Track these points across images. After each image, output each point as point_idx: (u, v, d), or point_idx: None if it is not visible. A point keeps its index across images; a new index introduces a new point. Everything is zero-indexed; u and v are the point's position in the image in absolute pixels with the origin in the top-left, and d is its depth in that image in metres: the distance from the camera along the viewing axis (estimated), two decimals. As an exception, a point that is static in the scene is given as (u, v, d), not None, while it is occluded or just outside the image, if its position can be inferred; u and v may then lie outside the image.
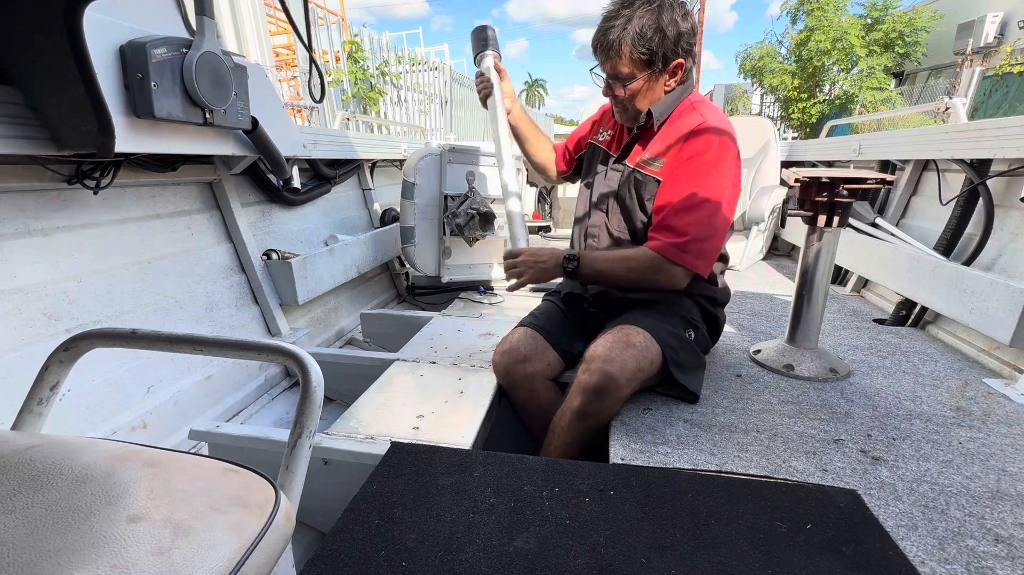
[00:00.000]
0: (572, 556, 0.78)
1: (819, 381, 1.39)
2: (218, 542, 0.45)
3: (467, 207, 2.19)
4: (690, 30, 1.18)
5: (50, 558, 0.41)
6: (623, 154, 1.35)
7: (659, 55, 1.17)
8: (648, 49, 1.16)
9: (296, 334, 1.85)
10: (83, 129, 1.03)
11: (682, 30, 1.16)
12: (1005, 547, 0.81)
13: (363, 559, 0.78)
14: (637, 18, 1.14)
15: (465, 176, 2.23)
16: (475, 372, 1.48)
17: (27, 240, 1.19)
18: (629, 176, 1.32)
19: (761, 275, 2.74)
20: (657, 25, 1.14)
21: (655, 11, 1.14)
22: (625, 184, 1.33)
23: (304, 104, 5.70)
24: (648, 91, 1.24)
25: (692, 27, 1.18)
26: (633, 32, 1.15)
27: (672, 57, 1.19)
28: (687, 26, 1.17)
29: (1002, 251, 1.71)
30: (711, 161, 1.19)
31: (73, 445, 0.55)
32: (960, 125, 1.96)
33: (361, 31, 6.76)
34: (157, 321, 1.44)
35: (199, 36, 1.22)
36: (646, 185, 1.28)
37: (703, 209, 1.18)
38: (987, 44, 11.27)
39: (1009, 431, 1.14)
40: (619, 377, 1.12)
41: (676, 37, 1.16)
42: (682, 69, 1.22)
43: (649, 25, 1.14)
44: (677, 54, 1.19)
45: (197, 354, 0.69)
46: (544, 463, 1.01)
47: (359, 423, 1.20)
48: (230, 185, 1.77)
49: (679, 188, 1.20)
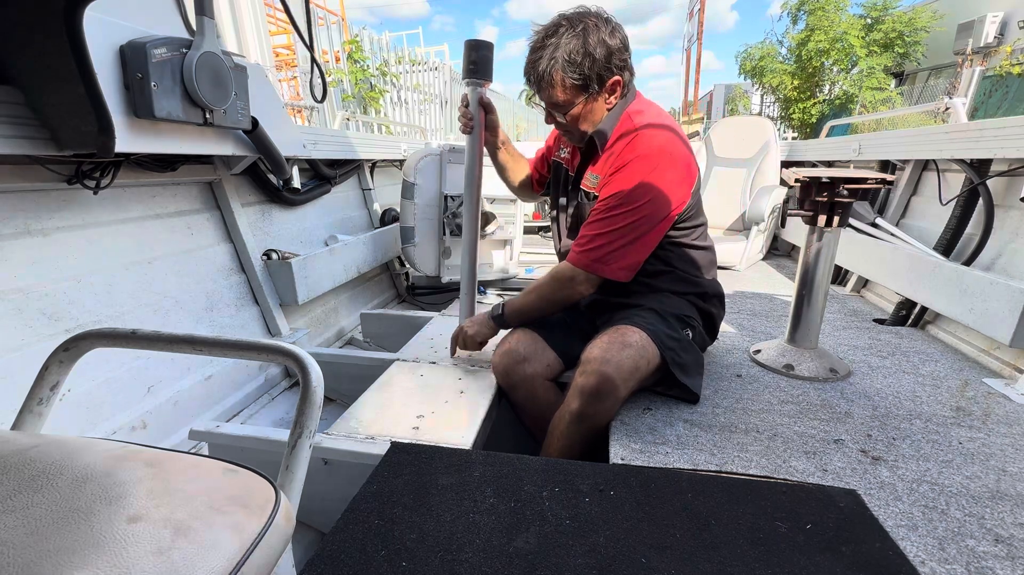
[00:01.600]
0: (572, 556, 0.78)
1: (819, 381, 1.39)
2: (218, 542, 0.45)
3: None
4: (620, 45, 1.17)
5: (50, 558, 0.41)
6: (577, 177, 1.39)
7: (593, 77, 1.16)
8: (580, 74, 1.15)
9: (296, 334, 1.85)
10: (83, 129, 1.03)
11: (612, 48, 1.15)
12: (1005, 547, 0.81)
13: (363, 559, 0.78)
14: (563, 45, 1.13)
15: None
16: (475, 372, 1.48)
17: (27, 240, 1.19)
18: (579, 195, 1.37)
19: (761, 275, 2.74)
20: (584, 49, 1.13)
21: (580, 35, 1.13)
22: (578, 202, 1.38)
23: (304, 104, 5.70)
24: (589, 113, 1.23)
25: (622, 41, 1.18)
26: (562, 60, 1.13)
27: (607, 76, 1.18)
28: (616, 42, 1.16)
29: (1002, 251, 1.71)
30: (640, 167, 1.19)
31: (73, 445, 0.55)
32: (960, 125, 1.96)
33: (361, 31, 6.77)
34: (157, 321, 1.44)
35: (199, 36, 1.22)
36: (589, 203, 1.32)
37: (625, 218, 1.20)
38: (987, 44, 11.26)
39: (1009, 431, 1.14)
40: (616, 378, 1.12)
41: (607, 56, 1.15)
42: (620, 85, 1.21)
43: (576, 50, 1.13)
44: (611, 72, 1.17)
45: (197, 354, 0.70)
46: (544, 463, 1.01)
47: (359, 423, 1.20)
48: (230, 185, 1.77)
49: (605, 197, 1.23)
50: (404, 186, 2.15)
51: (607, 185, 1.24)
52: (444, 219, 2.21)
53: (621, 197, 1.20)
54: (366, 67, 6.59)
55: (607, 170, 1.25)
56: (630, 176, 1.20)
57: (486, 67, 1.38)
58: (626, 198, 1.20)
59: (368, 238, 2.37)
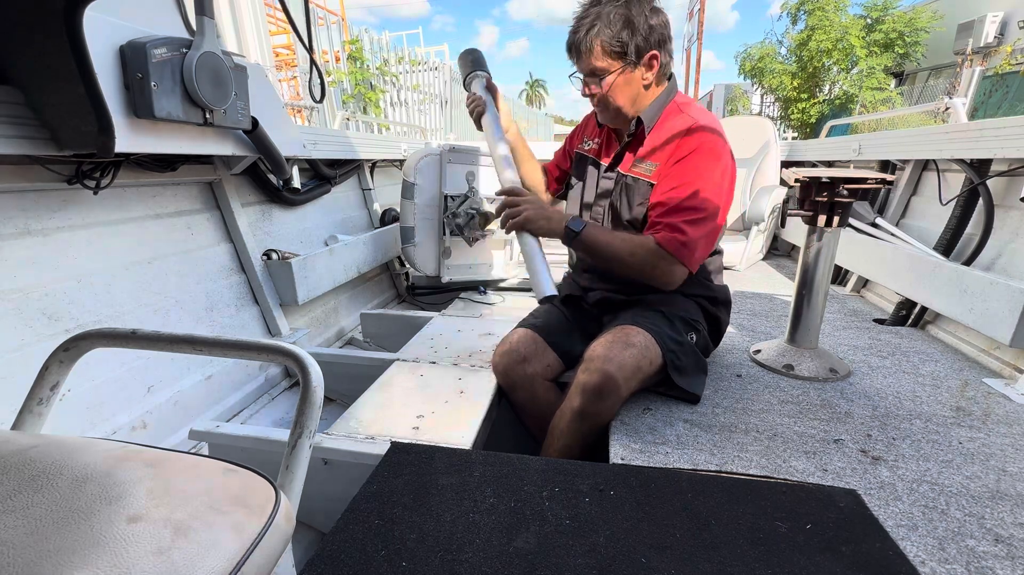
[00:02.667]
0: (572, 556, 0.78)
1: (819, 381, 1.39)
2: (218, 542, 0.45)
3: (467, 207, 2.18)
4: (661, 24, 1.18)
5: (50, 558, 0.41)
6: (615, 162, 1.35)
7: (631, 46, 1.17)
8: (619, 41, 1.16)
9: (296, 334, 1.85)
10: (83, 129, 1.03)
11: (652, 23, 1.16)
12: (1005, 547, 0.81)
13: (363, 559, 0.78)
14: (606, 14, 1.15)
15: (465, 176, 2.23)
16: (475, 372, 1.48)
17: (27, 240, 1.19)
18: (620, 182, 1.32)
19: (761, 275, 2.74)
20: (626, 18, 1.15)
21: (623, 5, 1.15)
22: (616, 190, 1.32)
23: (304, 104, 5.69)
24: (625, 85, 1.22)
25: (663, 22, 1.18)
26: (602, 26, 1.16)
27: (645, 48, 1.18)
28: (657, 20, 1.17)
29: (1002, 251, 1.71)
30: (708, 160, 1.19)
31: (73, 445, 0.55)
32: (960, 125, 1.96)
33: (361, 31, 6.77)
34: (157, 321, 1.44)
35: (199, 36, 1.22)
36: (637, 189, 1.28)
37: (703, 208, 1.18)
38: (987, 44, 11.26)
39: (1009, 431, 1.14)
40: (618, 377, 1.12)
41: (648, 29, 1.16)
42: (657, 61, 1.20)
43: (618, 18, 1.15)
44: (650, 45, 1.18)
45: (197, 354, 0.69)
46: (544, 463, 1.01)
47: (359, 423, 1.20)
48: (230, 185, 1.77)
49: (679, 184, 1.19)
50: (404, 186, 2.15)
51: (680, 164, 1.20)
52: (444, 219, 2.21)
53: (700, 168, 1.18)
54: (366, 67, 6.59)
55: (674, 154, 1.21)
56: (706, 162, 1.18)
57: (483, 64, 1.53)
58: (706, 184, 1.17)
59: (368, 238, 2.37)
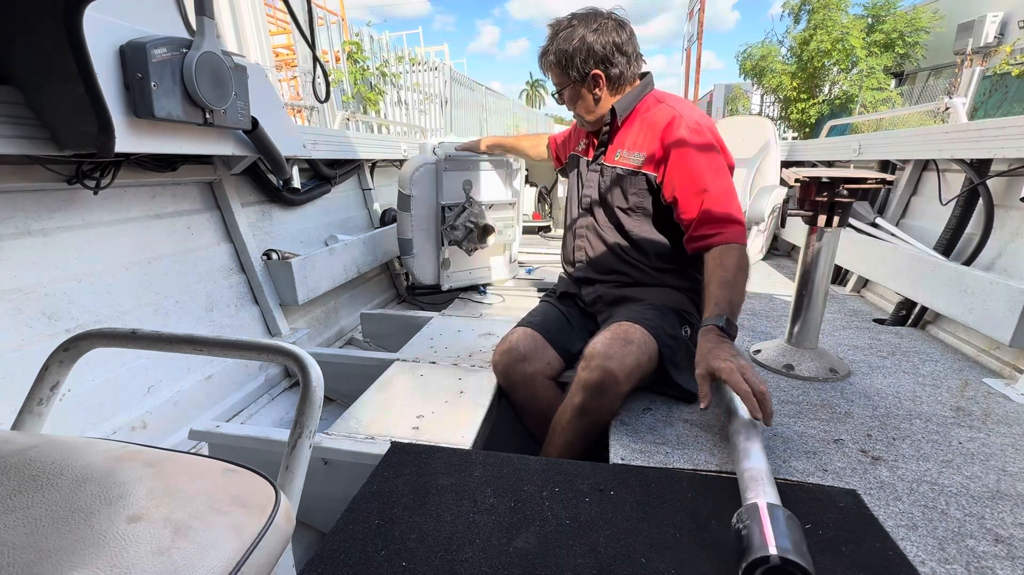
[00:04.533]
0: (572, 556, 0.78)
1: (819, 381, 1.39)
2: (218, 542, 0.45)
3: (465, 220, 2.13)
4: (605, 43, 1.26)
5: (50, 558, 0.41)
6: (598, 155, 1.42)
7: (572, 68, 1.29)
8: (562, 64, 1.30)
9: (296, 334, 1.85)
10: (83, 129, 1.03)
11: (591, 44, 1.25)
12: (1005, 547, 0.81)
13: (363, 559, 0.78)
14: (558, 37, 1.29)
15: (462, 185, 2.17)
16: (475, 372, 1.48)
17: (27, 240, 1.19)
18: (606, 173, 1.39)
19: (761, 275, 2.74)
20: (568, 41, 1.27)
21: (570, 30, 1.27)
22: (604, 181, 1.39)
23: (304, 104, 5.70)
24: (578, 98, 1.35)
25: (609, 41, 1.26)
26: (552, 49, 1.31)
27: (584, 68, 1.28)
28: (600, 39, 1.25)
29: (1002, 251, 1.71)
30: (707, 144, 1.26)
31: (73, 445, 0.55)
32: (960, 125, 1.96)
33: (361, 31, 6.77)
34: (157, 321, 1.44)
35: (199, 36, 1.22)
36: (626, 178, 1.34)
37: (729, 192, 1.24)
38: (987, 44, 11.26)
39: (1009, 431, 1.14)
40: (618, 373, 1.12)
41: (586, 52, 1.26)
42: (602, 77, 1.30)
43: (563, 42, 1.28)
44: (589, 65, 1.28)
45: (197, 354, 0.70)
46: (544, 463, 1.01)
47: (359, 423, 1.20)
48: (230, 185, 1.77)
49: (697, 177, 1.23)
50: (400, 197, 2.09)
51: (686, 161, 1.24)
52: (442, 231, 2.15)
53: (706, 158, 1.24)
54: (366, 67, 6.59)
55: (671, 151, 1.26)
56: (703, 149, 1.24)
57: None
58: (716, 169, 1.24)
59: (368, 238, 2.37)
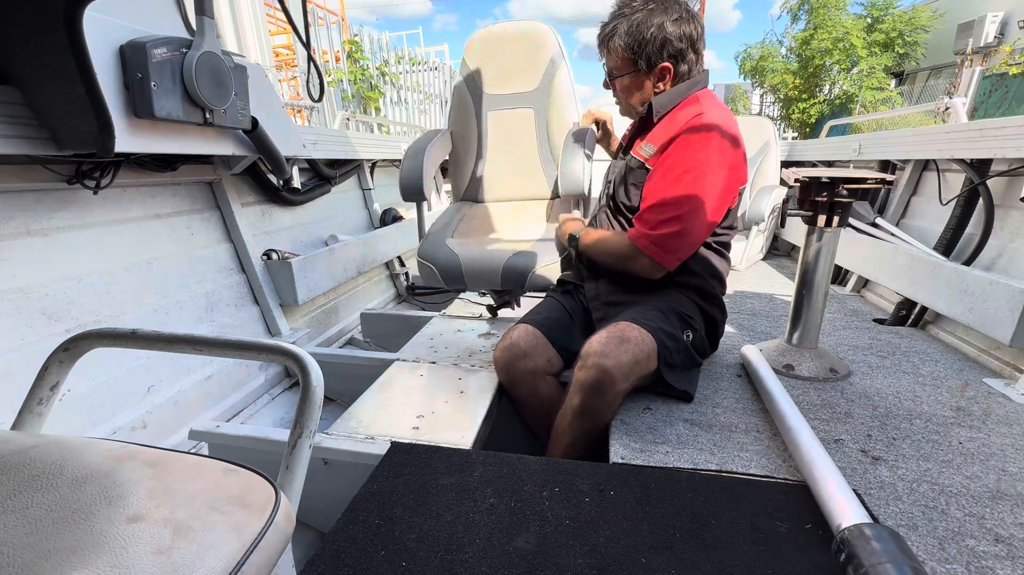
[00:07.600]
0: (572, 556, 0.78)
1: (819, 381, 1.38)
2: (218, 542, 0.45)
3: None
4: (682, 35, 1.20)
5: (50, 558, 0.41)
6: (628, 146, 1.42)
7: (642, 58, 1.23)
8: (632, 51, 1.23)
9: (296, 334, 1.85)
10: (83, 129, 1.03)
11: (669, 34, 1.19)
12: (1005, 547, 0.81)
13: (363, 559, 0.78)
14: (629, 20, 1.21)
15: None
16: (475, 372, 1.48)
17: (27, 240, 1.19)
18: (627, 164, 1.37)
19: (761, 275, 2.74)
20: (644, 28, 1.19)
21: (647, 13, 1.19)
22: (621, 172, 1.38)
23: (304, 104, 5.69)
24: (635, 89, 1.30)
25: (685, 33, 1.20)
26: (623, 31, 1.22)
27: (656, 60, 1.23)
28: (679, 30, 1.19)
29: (1002, 251, 1.71)
30: (702, 156, 1.19)
31: (73, 445, 0.55)
32: (960, 125, 1.96)
33: (361, 30, 6.76)
34: (157, 321, 1.44)
35: (199, 36, 1.22)
36: (634, 171, 1.33)
37: (685, 203, 1.19)
38: (987, 44, 11.25)
39: (1009, 431, 1.14)
40: (615, 371, 1.12)
41: (662, 42, 1.20)
42: (670, 73, 1.24)
43: (636, 27, 1.20)
44: (663, 57, 1.22)
45: (197, 354, 0.69)
46: (544, 463, 1.01)
47: (359, 423, 1.20)
48: (230, 185, 1.77)
49: (665, 179, 1.22)
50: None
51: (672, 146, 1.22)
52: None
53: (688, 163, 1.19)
54: (365, 67, 6.59)
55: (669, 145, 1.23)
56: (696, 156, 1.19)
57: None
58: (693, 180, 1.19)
59: (368, 238, 2.37)
